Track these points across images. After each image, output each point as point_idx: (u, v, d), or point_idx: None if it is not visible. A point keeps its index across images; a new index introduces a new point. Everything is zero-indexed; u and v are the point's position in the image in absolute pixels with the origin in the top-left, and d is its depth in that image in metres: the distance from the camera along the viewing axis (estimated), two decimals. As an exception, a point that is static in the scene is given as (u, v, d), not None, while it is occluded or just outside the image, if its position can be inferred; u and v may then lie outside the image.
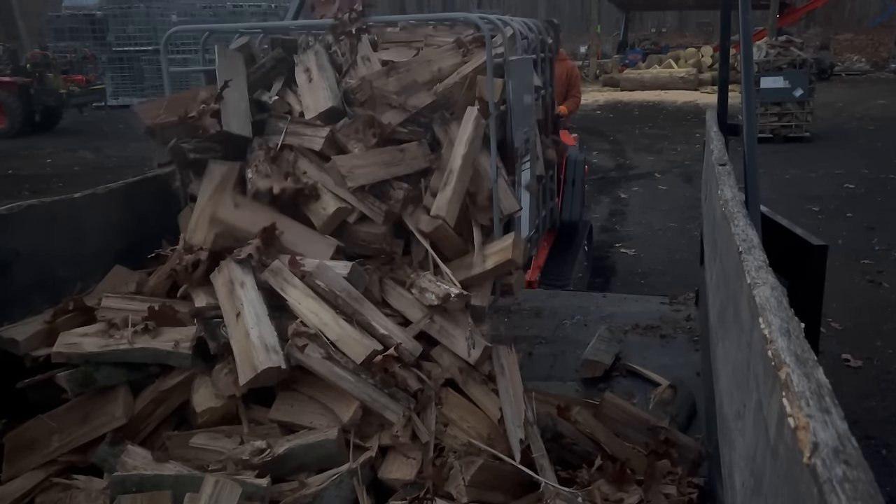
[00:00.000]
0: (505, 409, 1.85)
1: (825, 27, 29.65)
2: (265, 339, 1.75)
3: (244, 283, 1.90)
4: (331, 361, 1.73)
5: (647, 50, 24.58)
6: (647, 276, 5.93)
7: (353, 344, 1.77)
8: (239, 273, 1.94)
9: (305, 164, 2.17)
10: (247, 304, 1.84)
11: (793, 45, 11.60)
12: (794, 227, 2.15)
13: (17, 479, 1.73)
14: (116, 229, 2.29)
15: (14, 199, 2.15)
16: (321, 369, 1.73)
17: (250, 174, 2.16)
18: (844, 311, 4.81)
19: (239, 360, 1.73)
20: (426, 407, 1.83)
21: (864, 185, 8.59)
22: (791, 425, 0.71)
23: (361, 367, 1.75)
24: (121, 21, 18.65)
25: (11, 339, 1.85)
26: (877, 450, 3.33)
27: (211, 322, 1.90)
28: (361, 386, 1.72)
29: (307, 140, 2.20)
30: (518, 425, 1.79)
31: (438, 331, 1.98)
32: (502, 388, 1.93)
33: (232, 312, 1.84)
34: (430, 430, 1.79)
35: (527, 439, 1.78)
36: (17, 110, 14.33)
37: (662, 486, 1.83)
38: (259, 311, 1.83)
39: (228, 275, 1.94)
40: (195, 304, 1.96)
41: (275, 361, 1.70)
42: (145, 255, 2.24)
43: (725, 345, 1.42)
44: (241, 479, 1.58)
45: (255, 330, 1.77)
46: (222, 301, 1.89)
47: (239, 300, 1.86)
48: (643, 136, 13.03)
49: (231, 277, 1.93)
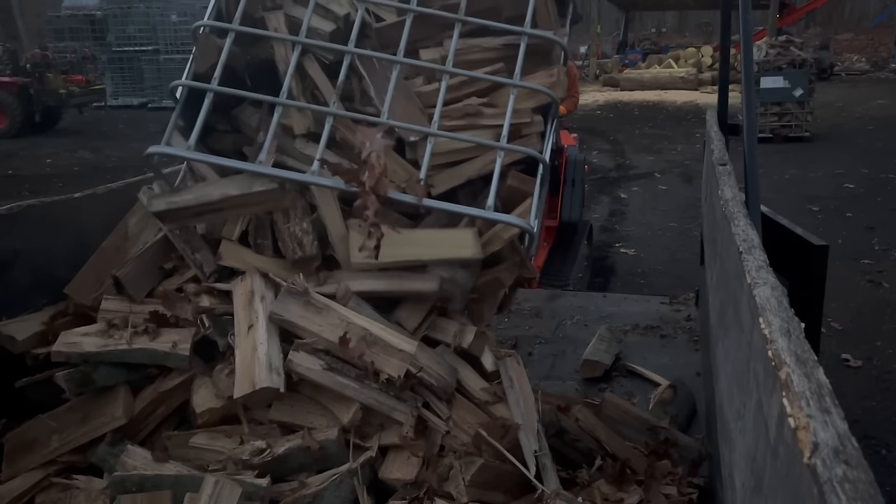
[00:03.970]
0: (516, 420, 1.84)
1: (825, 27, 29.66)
2: (271, 359, 1.72)
3: (264, 296, 1.85)
4: (332, 372, 1.72)
5: (646, 50, 24.61)
6: (647, 276, 5.94)
7: (390, 359, 1.73)
8: (261, 286, 1.89)
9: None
10: (262, 318, 1.80)
11: (793, 45, 11.62)
12: (795, 226, 2.15)
13: (17, 478, 1.73)
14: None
15: (14, 199, 2.14)
16: (324, 380, 1.72)
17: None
18: (844, 311, 4.81)
19: (239, 371, 1.71)
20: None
21: (864, 185, 8.59)
22: (791, 425, 0.71)
23: (365, 374, 1.73)
24: (121, 21, 18.66)
25: (10, 336, 1.85)
26: (877, 450, 3.33)
27: (221, 319, 1.88)
28: (367, 392, 1.72)
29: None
30: (532, 436, 1.78)
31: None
32: (512, 399, 1.89)
33: (245, 323, 1.80)
34: (443, 419, 1.78)
35: (541, 450, 1.77)
36: (16, 110, 14.34)
37: (662, 486, 1.82)
38: (272, 329, 1.78)
39: (251, 285, 1.88)
40: (199, 306, 1.95)
41: (275, 383, 1.67)
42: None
43: (725, 345, 1.42)
44: (241, 479, 1.58)
45: (264, 346, 1.73)
46: (237, 309, 1.84)
47: (255, 313, 1.81)
48: (643, 136, 13.03)
49: (253, 288, 1.87)
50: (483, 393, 1.90)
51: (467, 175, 2.06)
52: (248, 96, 2.08)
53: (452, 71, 2.06)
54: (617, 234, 7.27)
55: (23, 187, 9.33)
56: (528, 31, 2.13)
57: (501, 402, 1.90)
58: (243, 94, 2.07)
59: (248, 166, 1.93)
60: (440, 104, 2.01)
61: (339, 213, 2.00)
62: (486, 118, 2.08)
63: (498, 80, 2.09)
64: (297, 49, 2.07)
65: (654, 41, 27.48)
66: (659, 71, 21.38)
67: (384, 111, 1.99)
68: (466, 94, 2.12)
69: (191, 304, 1.92)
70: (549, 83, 2.12)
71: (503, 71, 2.14)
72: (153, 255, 2.13)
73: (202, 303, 1.95)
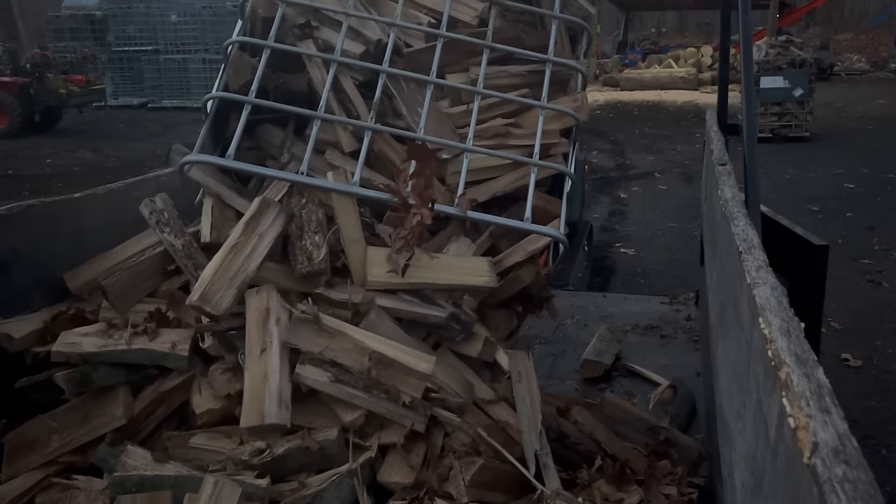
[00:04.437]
0: (521, 420, 1.84)
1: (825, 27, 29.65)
2: (282, 392, 1.69)
3: (280, 318, 1.80)
4: (340, 383, 1.72)
5: (646, 50, 24.59)
6: (647, 275, 5.94)
7: (407, 379, 1.72)
8: (277, 304, 1.83)
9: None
10: (276, 344, 1.75)
11: (793, 44, 11.62)
12: (795, 226, 2.15)
13: (17, 478, 1.73)
14: (116, 229, 2.29)
15: (14, 199, 2.15)
16: (333, 391, 1.72)
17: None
18: (844, 311, 4.81)
19: (248, 398, 1.68)
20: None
21: (863, 185, 8.59)
22: (791, 425, 0.71)
23: (372, 383, 1.72)
24: (120, 21, 18.65)
25: (7, 334, 1.85)
26: (877, 450, 3.33)
27: (227, 335, 1.85)
28: (375, 401, 1.72)
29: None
30: (534, 436, 1.78)
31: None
32: (519, 396, 1.89)
33: (258, 344, 1.76)
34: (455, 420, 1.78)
35: (542, 450, 1.77)
36: (16, 110, 14.32)
37: (662, 487, 1.82)
38: (284, 358, 1.74)
39: (266, 302, 1.83)
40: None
41: (283, 419, 1.66)
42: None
43: (725, 345, 1.42)
44: (241, 479, 1.58)
45: (276, 378, 1.70)
46: (250, 325, 1.79)
47: (270, 336, 1.77)
48: (643, 136, 13.03)
49: (268, 306, 1.82)
50: (486, 393, 1.90)
51: (494, 191, 2.16)
52: (288, 111, 2.17)
53: (484, 92, 2.20)
54: (617, 234, 7.27)
55: (23, 187, 9.33)
56: (553, 59, 2.29)
57: (503, 402, 1.90)
58: (283, 108, 2.16)
59: (286, 175, 1.99)
60: (473, 121, 2.14)
61: (358, 227, 2.01)
62: (514, 138, 2.21)
63: (529, 102, 2.23)
64: (333, 67, 2.17)
65: (654, 41, 27.46)
66: (659, 71, 21.37)
67: (420, 128, 2.10)
68: (493, 117, 2.25)
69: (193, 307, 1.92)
70: (574, 107, 2.29)
71: (529, 96, 2.30)
72: (147, 268, 2.13)
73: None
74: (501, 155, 2.15)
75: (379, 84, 2.19)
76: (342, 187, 1.99)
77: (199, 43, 17.81)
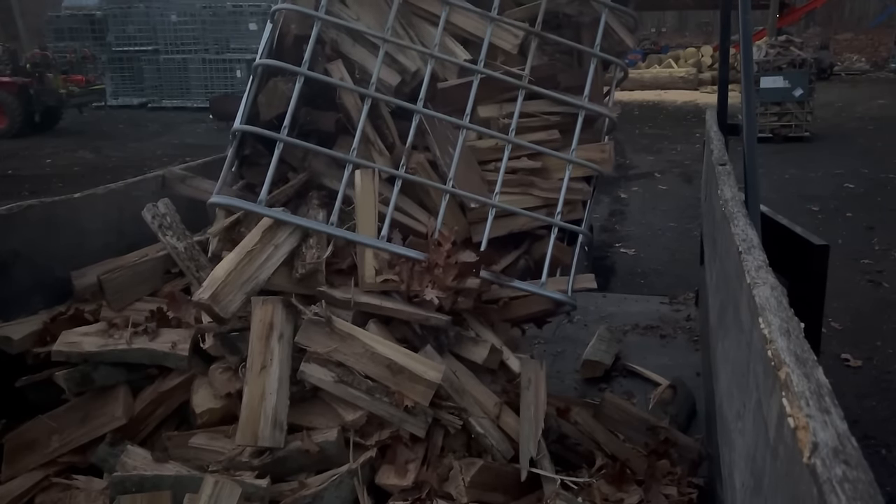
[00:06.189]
0: (522, 425, 1.84)
1: (825, 27, 29.62)
2: (278, 413, 1.69)
3: (283, 335, 1.79)
4: (343, 384, 1.72)
5: (646, 50, 24.55)
6: (647, 276, 5.93)
7: (415, 386, 1.74)
8: (281, 319, 1.81)
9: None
10: (277, 362, 1.75)
11: (792, 44, 11.61)
12: (795, 226, 2.15)
13: (17, 478, 1.73)
14: (116, 229, 2.29)
15: (14, 199, 2.15)
16: (336, 391, 1.72)
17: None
18: (844, 311, 4.81)
19: (244, 416, 1.68)
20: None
21: (863, 185, 8.59)
22: (791, 425, 0.71)
23: (376, 386, 1.73)
24: (120, 21, 18.63)
25: (6, 337, 1.85)
26: (877, 450, 3.32)
27: (229, 337, 1.85)
28: (378, 404, 1.72)
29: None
30: (532, 443, 1.78)
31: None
32: (525, 403, 1.89)
33: (259, 360, 1.75)
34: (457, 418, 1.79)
35: (538, 456, 1.77)
36: (16, 110, 14.30)
37: (662, 486, 1.82)
38: (283, 377, 1.74)
39: (271, 316, 1.81)
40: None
41: (277, 442, 1.66)
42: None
43: (725, 345, 1.42)
44: (241, 479, 1.58)
45: (273, 398, 1.70)
46: (253, 337, 1.78)
47: (271, 352, 1.76)
48: (643, 136, 13.02)
49: (273, 321, 1.80)
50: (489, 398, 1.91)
51: (509, 228, 2.23)
52: (321, 151, 2.11)
53: (515, 142, 2.22)
54: (617, 234, 7.26)
55: (23, 187, 9.32)
56: (587, 106, 2.30)
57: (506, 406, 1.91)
58: (317, 148, 2.10)
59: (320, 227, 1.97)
60: (501, 174, 2.17)
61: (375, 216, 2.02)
62: (538, 189, 2.26)
63: (556, 154, 2.26)
64: (368, 102, 2.12)
65: (654, 41, 27.44)
66: (659, 71, 21.37)
67: (450, 177, 2.12)
68: (519, 156, 2.28)
69: (194, 308, 1.92)
70: (600, 158, 2.31)
71: (558, 140, 2.33)
72: (148, 269, 2.14)
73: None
74: (525, 213, 2.20)
75: (413, 123, 2.15)
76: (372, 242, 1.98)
77: (199, 43, 17.78)
